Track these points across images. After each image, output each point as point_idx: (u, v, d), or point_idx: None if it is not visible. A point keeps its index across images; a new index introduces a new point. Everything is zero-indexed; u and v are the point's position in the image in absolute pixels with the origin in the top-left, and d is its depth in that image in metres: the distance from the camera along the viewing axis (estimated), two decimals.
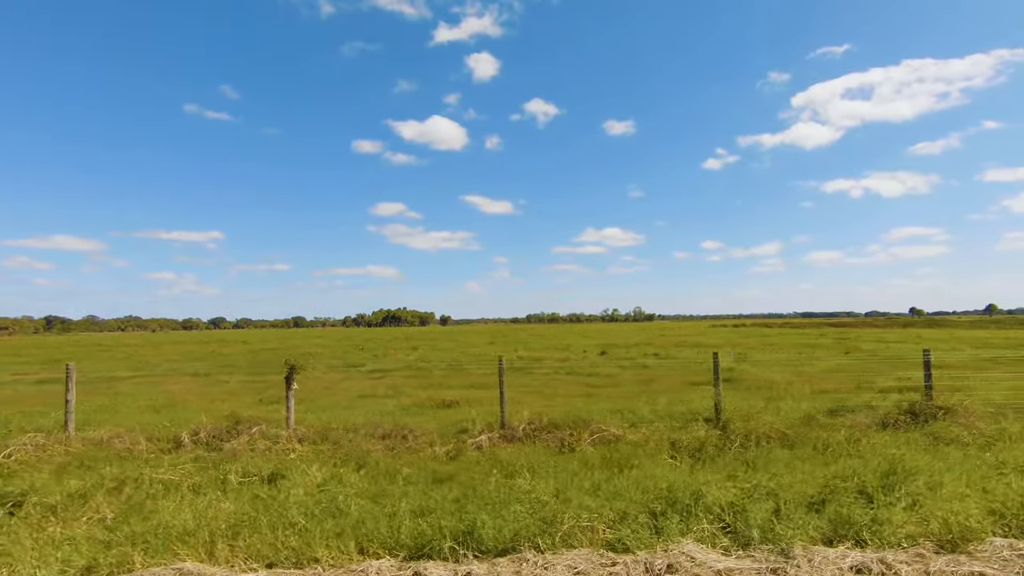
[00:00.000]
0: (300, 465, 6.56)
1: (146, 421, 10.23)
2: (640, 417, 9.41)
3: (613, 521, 4.78)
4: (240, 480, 6.31)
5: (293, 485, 5.86)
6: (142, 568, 4.27)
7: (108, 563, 4.30)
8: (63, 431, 8.45)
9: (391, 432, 8.36)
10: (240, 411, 9.83)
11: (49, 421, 10.47)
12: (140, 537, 4.67)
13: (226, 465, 6.80)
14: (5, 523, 4.98)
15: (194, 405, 12.17)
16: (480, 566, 4.19)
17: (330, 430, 8.53)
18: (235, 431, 8.18)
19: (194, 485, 6.21)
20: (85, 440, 8.20)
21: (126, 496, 5.75)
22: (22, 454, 7.63)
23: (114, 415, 11.30)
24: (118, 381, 19.13)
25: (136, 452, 7.83)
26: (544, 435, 8.09)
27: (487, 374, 19.12)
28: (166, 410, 11.60)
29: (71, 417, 8.50)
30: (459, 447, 7.75)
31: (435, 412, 10.97)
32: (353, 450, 7.68)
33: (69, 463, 7.40)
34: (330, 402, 13.12)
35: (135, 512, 5.28)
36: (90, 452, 7.67)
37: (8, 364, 28.10)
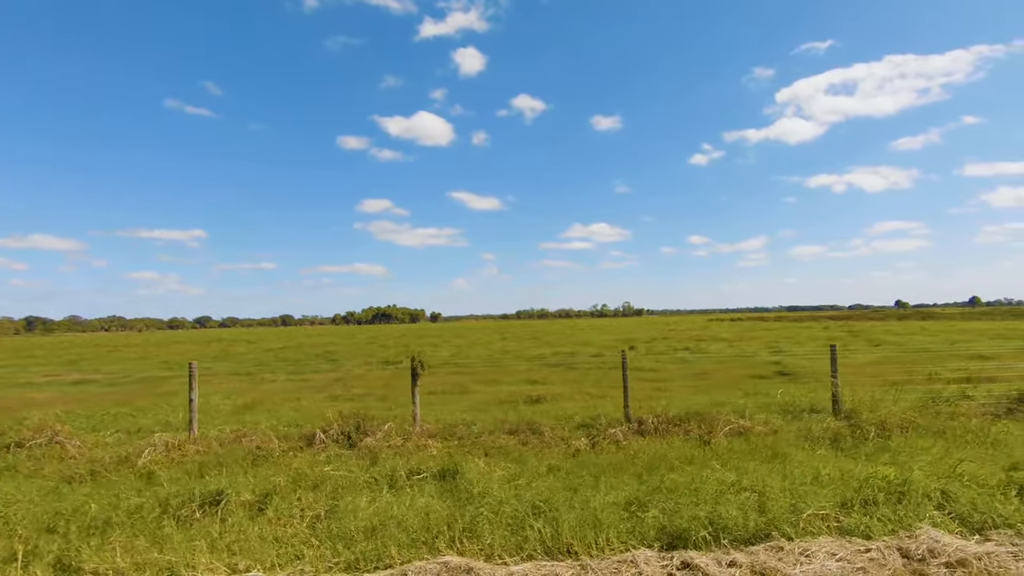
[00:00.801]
0: (470, 461, 6.58)
1: (246, 421, 10.16)
2: (738, 408, 9.55)
3: (834, 508, 4.89)
4: (409, 476, 6.32)
5: (479, 479, 5.88)
6: (400, 562, 4.29)
7: (366, 558, 4.32)
8: (187, 431, 8.36)
9: (517, 428, 8.40)
10: (362, 410, 9.77)
11: (149, 420, 10.37)
12: (363, 533, 4.68)
13: (386, 462, 6.80)
14: (239, 524, 4.95)
15: (280, 405, 12.09)
16: (738, 554, 4.27)
17: (455, 426, 8.55)
18: (363, 428, 8.15)
19: (364, 482, 6.21)
20: (213, 439, 8.13)
21: (319, 493, 5.73)
22: (156, 454, 7.56)
23: (206, 415, 11.16)
24: (161, 381, 18.87)
25: (269, 450, 7.78)
26: (672, 428, 8.19)
27: (531, 369, 19.20)
28: (255, 410, 11.49)
29: (195, 416, 8.41)
30: (595, 441, 7.82)
31: (528, 408, 11.01)
32: (490, 445, 7.72)
33: (208, 462, 7.35)
34: (405, 399, 13.10)
35: (335, 509, 5.28)
36: (227, 451, 7.61)
37: (27, 366, 27.54)
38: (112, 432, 8.92)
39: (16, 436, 8.03)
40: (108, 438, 8.41)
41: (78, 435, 8.31)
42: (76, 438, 8.15)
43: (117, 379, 20.22)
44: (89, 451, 7.76)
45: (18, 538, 4.69)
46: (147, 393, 15.79)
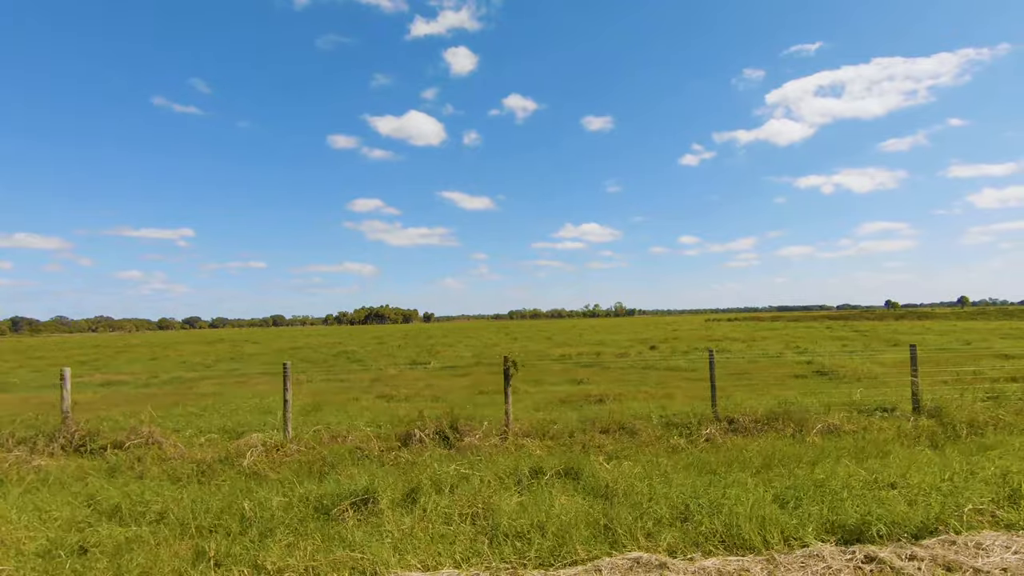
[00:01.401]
0: (590, 459, 6.66)
1: (321, 421, 10.15)
2: (803, 407, 9.70)
3: (988, 503, 5.04)
4: (533, 475, 6.38)
5: (614, 477, 5.96)
6: (588, 559, 4.37)
7: (552, 554, 4.40)
8: (282, 431, 8.37)
9: (608, 427, 8.49)
10: (422, 410, 9.81)
11: (220, 420, 10.34)
12: (536, 530, 4.75)
13: (500, 461, 6.86)
14: (400, 522, 4.99)
15: (345, 405, 12.10)
16: (915, 548, 4.40)
17: (546, 425, 8.63)
18: (457, 428, 8.20)
19: (491, 481, 6.26)
20: (309, 439, 8.13)
21: (460, 492, 5.78)
22: (257, 455, 7.56)
23: (267, 416, 11.15)
24: (192, 383, 18.75)
25: (368, 450, 7.81)
26: (762, 427, 8.33)
27: (566, 369, 19.31)
28: (323, 410, 11.48)
29: (289, 416, 8.42)
30: (692, 439, 7.94)
31: (595, 407, 11.10)
32: (590, 444, 7.81)
33: (312, 461, 7.37)
34: (462, 398, 13.16)
35: (490, 507, 5.34)
36: (330, 451, 7.63)
37: (41, 368, 27.20)
38: (201, 433, 8.89)
39: (112, 437, 8.00)
40: (201, 438, 8.39)
41: (168, 436, 8.28)
42: (169, 438, 8.12)
43: (147, 380, 20.05)
44: (188, 451, 7.75)
45: (197, 536, 4.72)
46: (186, 394, 15.70)
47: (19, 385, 19.48)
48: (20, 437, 7.90)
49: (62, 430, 7.90)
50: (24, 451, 7.47)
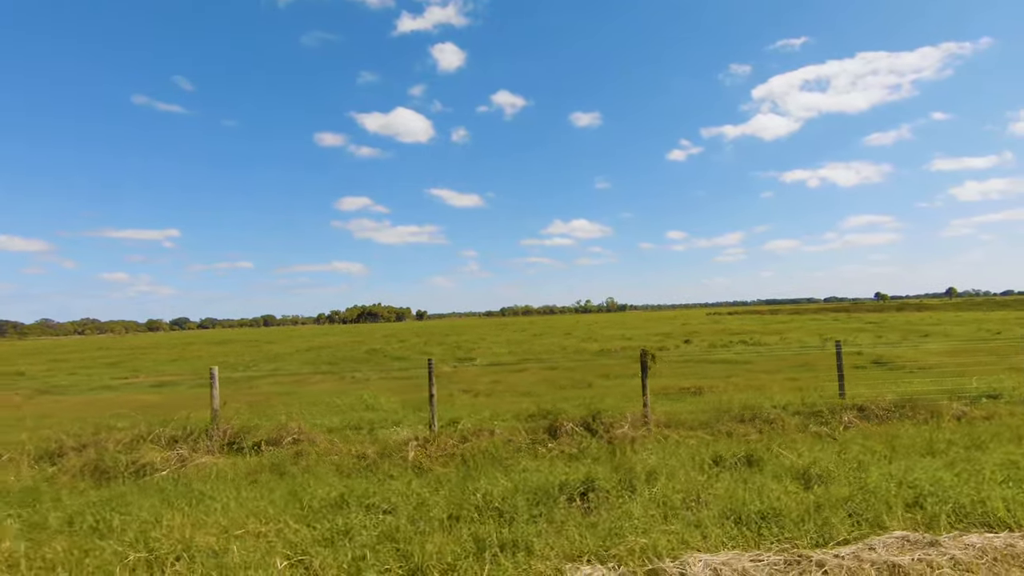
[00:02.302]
0: (771, 447, 6.86)
1: (399, 418, 10.24)
2: (906, 395, 9.98)
3: None
4: (715, 463, 6.57)
5: (806, 464, 6.16)
6: (854, 538, 4.57)
7: (819, 534, 4.59)
8: (428, 426, 8.48)
9: (742, 416, 8.71)
10: (510, 404, 9.97)
11: (338, 418, 10.39)
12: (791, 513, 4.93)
13: (677, 451, 7.04)
14: (631, 510, 5.14)
15: (445, 401, 12.19)
16: None
17: (678, 416, 8.82)
18: (600, 420, 8.36)
19: (676, 468, 6.43)
20: (456, 433, 8.25)
21: (665, 479, 5.94)
22: (415, 449, 7.67)
23: (373, 412, 11.22)
24: (249, 382, 18.71)
25: (517, 442, 7.95)
26: (891, 414, 8.59)
27: (620, 364, 19.53)
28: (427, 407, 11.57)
29: (435, 412, 8.53)
30: (830, 427, 8.17)
31: (696, 399, 11.32)
32: (737, 434, 8.02)
33: (475, 453, 7.50)
34: (546, 392, 13.32)
35: (711, 492, 5.51)
36: (488, 443, 7.75)
37: (74, 370, 26.92)
38: (332, 430, 8.96)
39: (263, 435, 8.06)
40: (346, 434, 8.47)
41: (315, 433, 8.35)
42: (317, 435, 8.20)
43: (197, 381, 19.96)
44: (344, 447, 7.83)
45: (450, 525, 4.85)
46: (254, 394, 15.69)
47: (71, 387, 19.31)
48: (172, 436, 7.93)
49: (215, 428, 7.95)
50: (186, 449, 7.52)
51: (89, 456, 7.46)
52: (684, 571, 4.20)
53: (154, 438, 7.82)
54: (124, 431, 8.04)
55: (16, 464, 7.52)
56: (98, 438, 7.95)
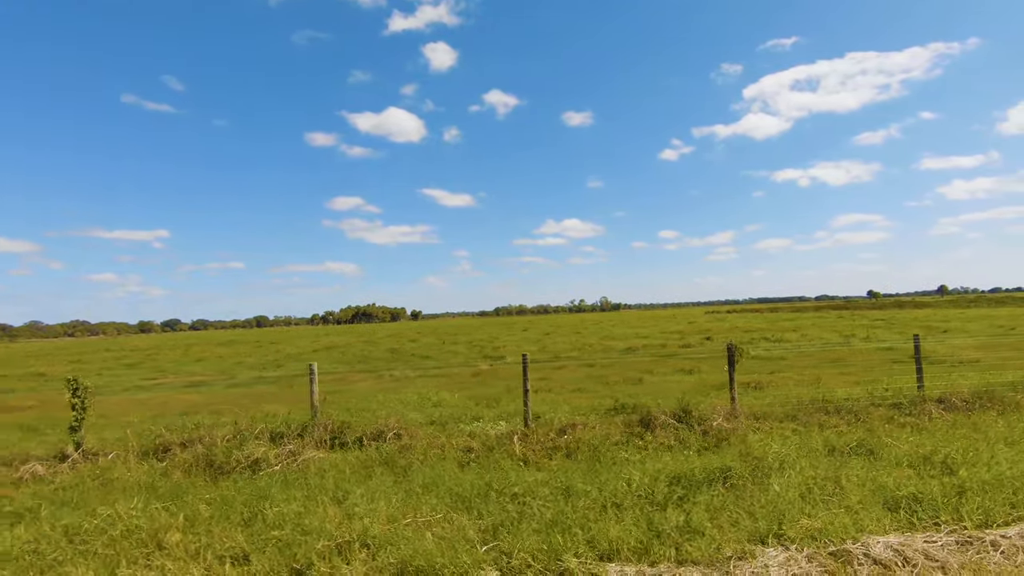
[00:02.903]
0: (880, 436, 7.05)
1: (506, 411, 10.37)
2: (975, 387, 10.20)
3: None
4: (831, 452, 6.75)
5: (927, 452, 6.35)
6: (1010, 521, 4.75)
7: (987, 512, 4.77)
8: (523, 420, 8.60)
9: (831, 409, 8.90)
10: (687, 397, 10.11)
11: (420, 415, 10.47)
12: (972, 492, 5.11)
13: (785, 440, 7.21)
14: (771, 494, 5.30)
15: (501, 398, 12.31)
16: None
17: (761, 409, 9.00)
18: (689, 412, 8.52)
19: (800, 455, 6.61)
20: (546, 426, 8.37)
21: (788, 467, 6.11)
22: (517, 442, 7.79)
23: (438, 408, 11.32)
24: (287, 382, 18.71)
25: (612, 435, 8.09)
26: (970, 405, 8.82)
27: (654, 361, 19.71)
28: (500, 403, 11.68)
29: (529, 407, 8.65)
30: (916, 416, 8.39)
31: (758, 393, 11.50)
32: (826, 425, 8.21)
33: (573, 445, 7.63)
34: (599, 387, 13.47)
35: (839, 476, 5.69)
36: (587, 436, 7.88)
37: (100, 372, 26.72)
38: (419, 425, 9.06)
39: (362, 430, 8.14)
40: (429, 429, 8.57)
41: (412, 428, 8.44)
42: (414, 430, 8.30)
43: (230, 381, 19.93)
44: (448, 440, 7.93)
45: (614, 510, 4.98)
46: (296, 392, 15.74)
47: (104, 388, 19.21)
48: (274, 432, 8.00)
49: (316, 425, 8.02)
50: (293, 445, 7.59)
51: (197, 451, 7.53)
52: (867, 551, 4.37)
53: (258, 434, 7.88)
54: (226, 427, 8.10)
55: (124, 460, 7.57)
56: (199, 434, 8.00)
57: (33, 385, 21.03)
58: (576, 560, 4.19)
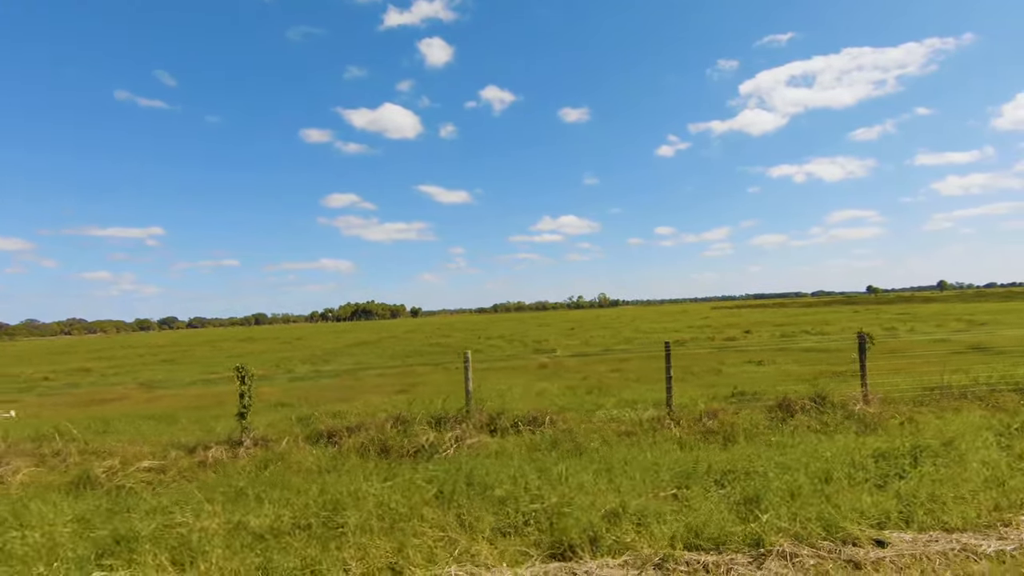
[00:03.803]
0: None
1: (624, 400, 10.61)
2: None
3: None
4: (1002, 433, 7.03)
5: None
6: None
7: None
8: (666, 407, 8.84)
9: (957, 395, 9.20)
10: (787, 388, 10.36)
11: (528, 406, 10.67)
12: None
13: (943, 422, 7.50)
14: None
15: (611, 387, 12.57)
16: None
17: (889, 395, 9.29)
18: (824, 398, 8.79)
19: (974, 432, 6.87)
20: (696, 412, 8.62)
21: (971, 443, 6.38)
22: (676, 429, 8.05)
23: (542, 398, 11.54)
24: (356, 374, 18.90)
25: (755, 422, 8.35)
26: None
27: (712, 352, 20.01)
28: (599, 393, 11.94)
29: (672, 393, 8.89)
30: None
31: (846, 382, 11.78)
32: (960, 409, 8.51)
33: (731, 430, 7.89)
34: (703, 381, 13.76)
35: None
36: (732, 420, 8.13)
37: (138, 367, 26.81)
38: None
39: (516, 416, 8.36)
40: (581, 416, 8.80)
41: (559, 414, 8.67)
42: (565, 416, 8.53)
43: (291, 376, 20.10)
44: (601, 425, 8.17)
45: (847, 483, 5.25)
46: (372, 384, 15.96)
47: (166, 382, 19.37)
48: (431, 418, 8.22)
49: (473, 411, 8.24)
50: (457, 430, 7.81)
51: (367, 436, 7.74)
52: None
53: (418, 420, 8.10)
54: (385, 413, 8.31)
55: (295, 445, 7.77)
56: (358, 421, 8.21)
57: (92, 379, 21.13)
58: (856, 526, 4.44)
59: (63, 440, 7.89)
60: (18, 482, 6.87)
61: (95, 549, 4.63)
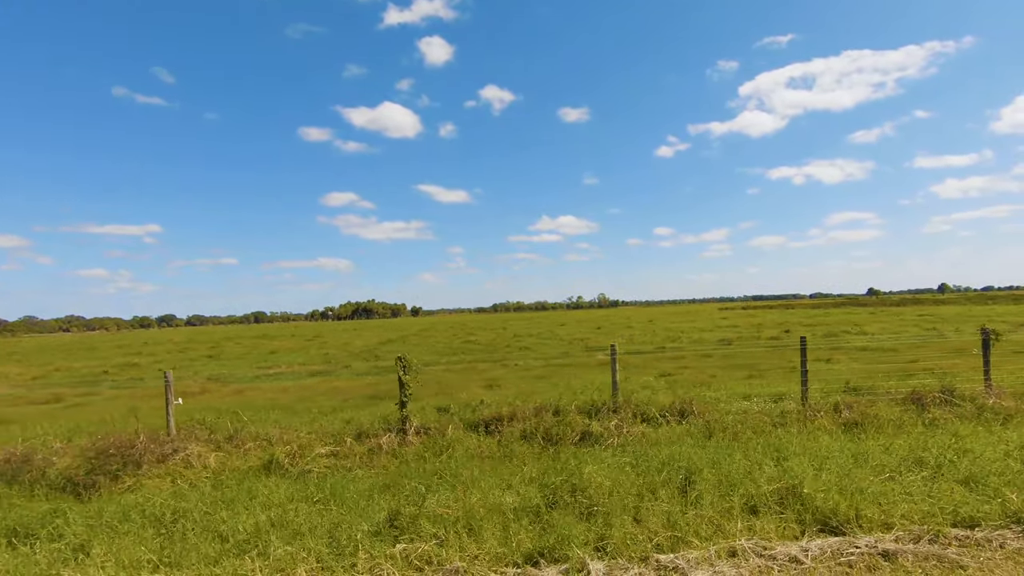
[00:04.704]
0: None
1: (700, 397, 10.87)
2: None
3: None
4: None
5: None
6: None
7: None
8: (800, 399, 9.10)
9: None
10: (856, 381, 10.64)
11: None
12: None
13: None
14: None
15: (706, 384, 12.84)
16: None
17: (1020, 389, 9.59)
18: (949, 392, 9.07)
19: None
20: (830, 404, 8.89)
21: None
22: (821, 418, 8.32)
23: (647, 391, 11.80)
24: (427, 368, 19.10)
25: (887, 412, 8.62)
26: None
27: (774, 351, 20.30)
28: (704, 386, 12.20)
29: (807, 385, 9.15)
30: None
31: (931, 378, 12.07)
32: None
33: (876, 420, 8.16)
34: (796, 378, 14.03)
35: None
36: (876, 412, 8.40)
37: (190, 361, 26.94)
38: None
39: (660, 408, 8.61)
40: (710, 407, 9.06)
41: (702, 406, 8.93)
42: (707, 406, 8.79)
43: (354, 371, 20.31)
44: (754, 416, 8.43)
45: None
46: (455, 379, 16.18)
47: (229, 377, 19.54)
48: (584, 407, 8.46)
49: (624, 403, 8.50)
50: (616, 419, 8.06)
51: (527, 425, 7.98)
52: None
53: (572, 410, 8.34)
54: (533, 404, 8.55)
55: (456, 433, 7.99)
56: (512, 411, 8.44)
57: (151, 374, 21.28)
58: None
59: (235, 426, 8.10)
60: (212, 466, 7.09)
61: (370, 527, 4.85)
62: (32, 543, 4.93)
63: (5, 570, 4.33)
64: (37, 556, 4.59)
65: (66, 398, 15.83)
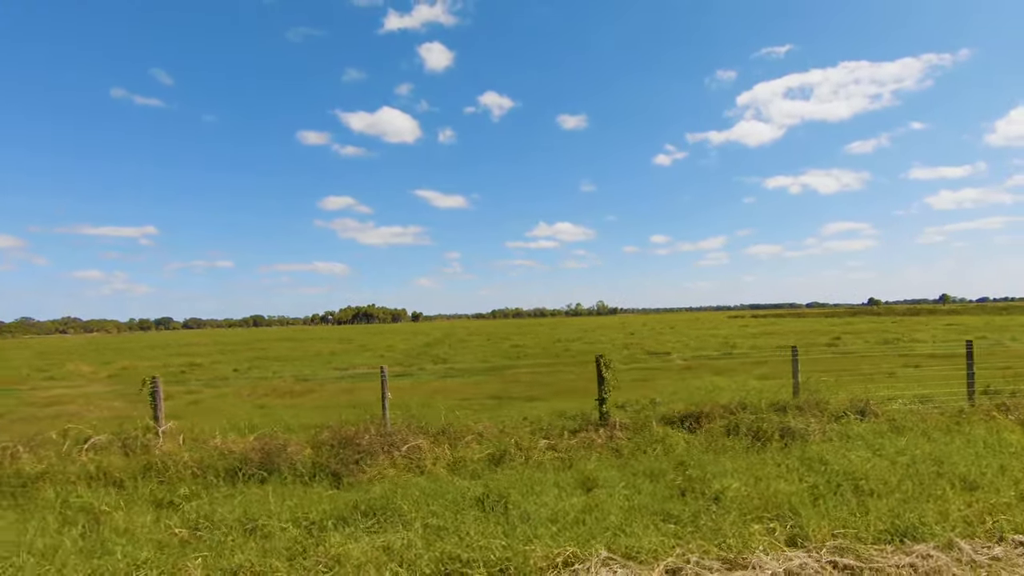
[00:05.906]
0: None
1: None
2: None
3: None
4: None
5: None
6: None
7: None
8: (968, 401, 9.47)
9: None
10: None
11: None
12: None
13: None
14: None
15: None
16: None
17: None
18: None
19: None
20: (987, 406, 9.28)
21: None
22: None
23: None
24: (504, 372, 19.40)
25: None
26: None
27: (823, 360, 20.69)
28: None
29: (974, 388, 9.54)
30: None
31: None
32: None
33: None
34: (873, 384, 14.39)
35: None
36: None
37: (255, 362, 27.10)
38: None
39: (837, 407, 8.97)
40: None
41: None
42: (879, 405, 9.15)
43: (435, 373, 20.56)
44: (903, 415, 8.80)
45: None
46: (537, 381, 16.48)
47: (314, 377, 19.76)
48: (772, 405, 8.81)
49: (805, 402, 8.85)
50: (810, 417, 8.40)
51: (728, 421, 8.32)
52: None
53: (751, 408, 8.69)
54: (725, 402, 8.89)
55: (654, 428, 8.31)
56: (701, 409, 8.78)
57: (224, 374, 21.46)
58: None
59: (445, 420, 8.38)
60: (448, 457, 7.37)
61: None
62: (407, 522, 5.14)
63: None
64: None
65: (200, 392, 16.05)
